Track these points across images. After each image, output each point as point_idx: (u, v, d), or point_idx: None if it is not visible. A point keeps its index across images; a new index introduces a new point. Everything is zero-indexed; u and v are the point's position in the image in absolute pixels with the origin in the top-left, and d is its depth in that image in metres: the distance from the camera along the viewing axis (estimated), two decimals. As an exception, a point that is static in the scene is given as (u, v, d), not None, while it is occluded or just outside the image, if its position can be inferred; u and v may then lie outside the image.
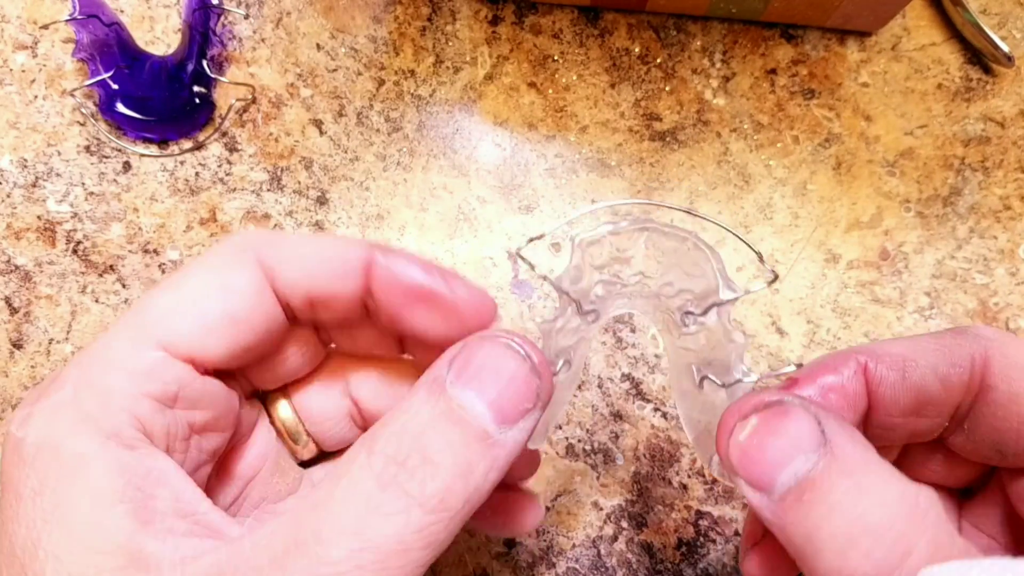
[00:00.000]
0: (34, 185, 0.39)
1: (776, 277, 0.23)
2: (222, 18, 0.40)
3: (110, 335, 0.20)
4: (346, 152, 0.40)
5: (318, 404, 0.26)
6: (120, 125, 0.39)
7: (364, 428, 0.26)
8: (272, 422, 0.26)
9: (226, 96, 0.40)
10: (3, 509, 0.19)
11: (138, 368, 0.19)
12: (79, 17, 0.37)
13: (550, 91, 0.40)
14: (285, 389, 0.26)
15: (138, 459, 0.19)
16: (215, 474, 0.23)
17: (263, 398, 0.26)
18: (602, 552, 0.36)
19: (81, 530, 0.17)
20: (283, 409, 0.26)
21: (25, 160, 0.39)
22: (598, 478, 0.37)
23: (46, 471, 0.18)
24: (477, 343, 0.20)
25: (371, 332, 0.24)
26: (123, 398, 0.19)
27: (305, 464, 0.27)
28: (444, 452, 0.17)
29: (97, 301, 0.38)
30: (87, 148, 0.40)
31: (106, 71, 0.39)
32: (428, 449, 0.17)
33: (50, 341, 0.38)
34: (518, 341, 0.20)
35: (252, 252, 0.21)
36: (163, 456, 0.19)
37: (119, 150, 0.40)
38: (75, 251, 0.39)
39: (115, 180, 0.39)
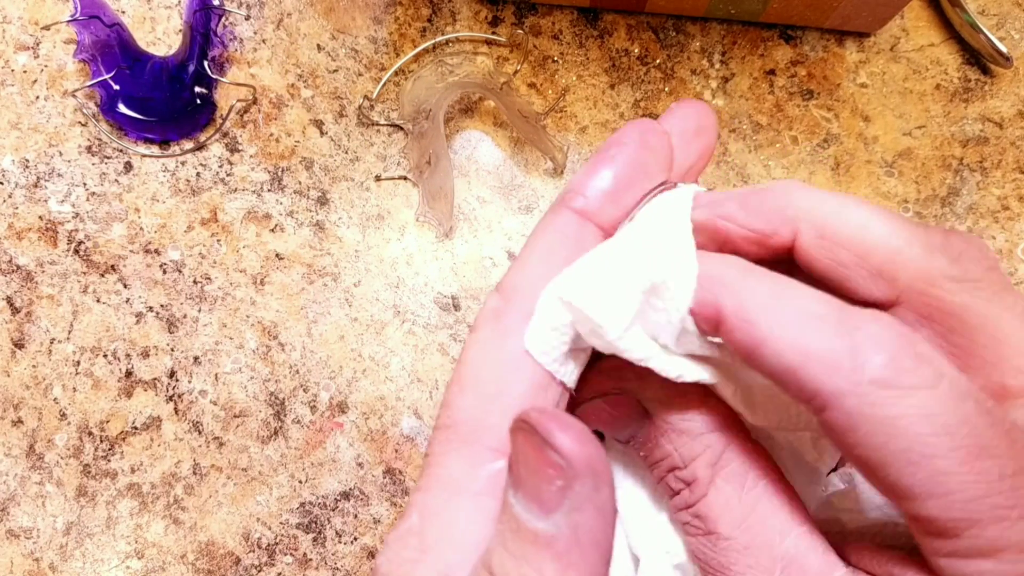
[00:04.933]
0: (36, 185, 0.39)
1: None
2: (223, 19, 0.40)
3: None
4: (347, 152, 0.40)
5: None
6: (121, 126, 0.39)
7: None
8: None
9: (227, 97, 0.40)
10: None
11: None
12: (80, 18, 0.38)
13: (550, 92, 0.40)
14: None
15: None
16: None
17: None
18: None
19: None
20: None
21: (27, 160, 0.40)
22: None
23: None
24: None
25: None
26: None
27: None
28: None
29: (99, 301, 0.39)
30: (88, 149, 0.40)
31: (107, 72, 0.39)
32: None
33: (51, 341, 0.38)
34: None
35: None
36: None
37: (120, 151, 0.40)
38: (76, 251, 0.39)
39: (116, 180, 0.40)
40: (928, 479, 0.15)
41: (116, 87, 0.39)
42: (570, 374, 0.19)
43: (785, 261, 0.19)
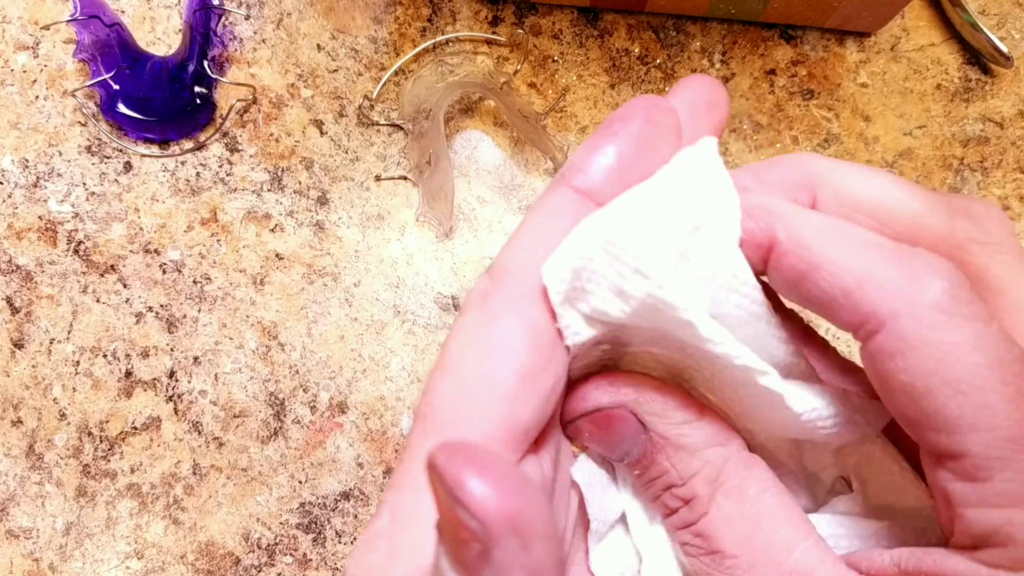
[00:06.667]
0: (35, 185, 0.39)
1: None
2: (223, 19, 0.40)
3: None
4: (347, 152, 0.40)
5: None
6: (121, 125, 0.39)
7: None
8: None
9: (227, 96, 0.40)
10: None
11: None
12: (80, 18, 0.37)
13: (550, 92, 0.40)
14: None
15: None
16: None
17: None
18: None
19: None
20: None
21: (26, 160, 0.40)
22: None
23: None
24: None
25: None
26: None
27: None
28: None
29: (98, 301, 0.39)
30: (88, 148, 0.40)
31: (107, 72, 0.39)
32: None
33: (51, 341, 0.38)
34: None
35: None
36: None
37: (120, 150, 0.40)
38: (76, 251, 0.39)
39: (116, 180, 0.40)
40: (975, 411, 0.14)
41: (116, 87, 0.39)
42: (574, 327, 0.17)
43: None
